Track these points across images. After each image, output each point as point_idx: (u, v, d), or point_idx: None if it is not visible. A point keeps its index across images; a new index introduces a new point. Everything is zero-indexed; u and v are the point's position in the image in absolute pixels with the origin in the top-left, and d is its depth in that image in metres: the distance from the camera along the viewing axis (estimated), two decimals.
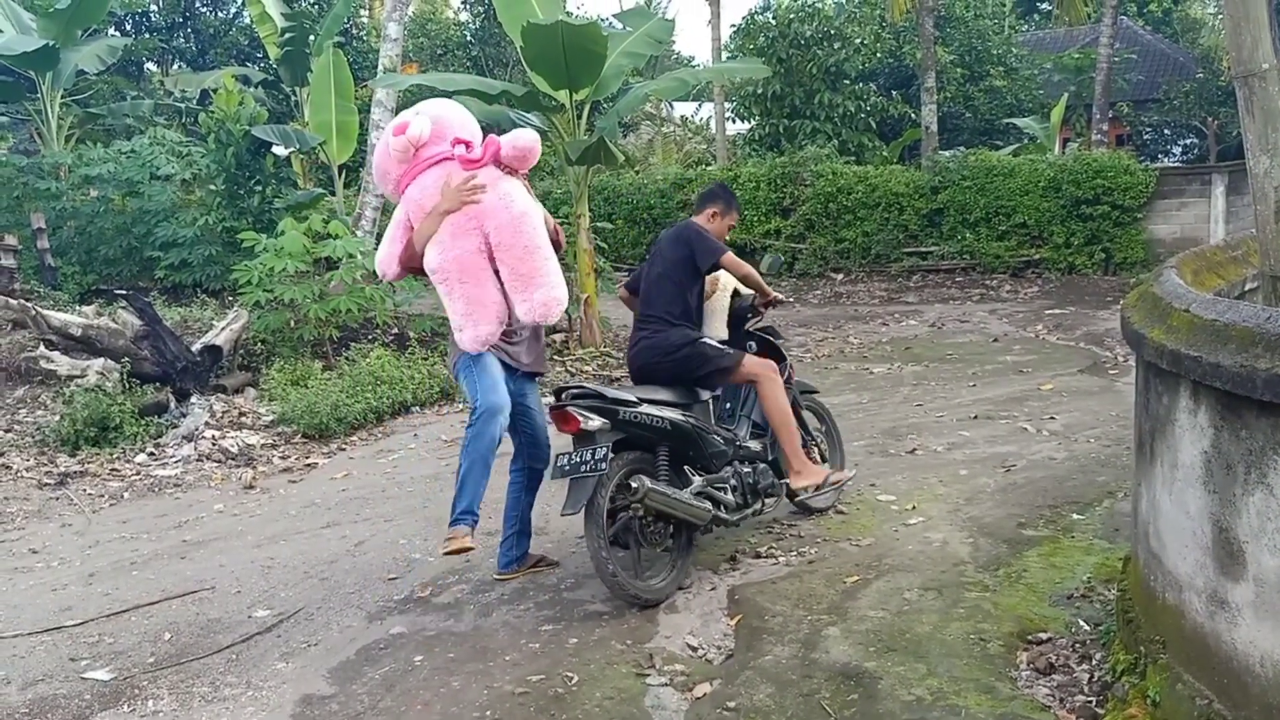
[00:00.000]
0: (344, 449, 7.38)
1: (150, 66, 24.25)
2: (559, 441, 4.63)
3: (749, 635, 4.04)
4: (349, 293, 8.98)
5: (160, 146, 13.23)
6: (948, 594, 4.27)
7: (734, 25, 20.47)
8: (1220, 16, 28.12)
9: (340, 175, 13.21)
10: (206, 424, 7.63)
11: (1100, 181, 13.95)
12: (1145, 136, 23.59)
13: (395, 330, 10.09)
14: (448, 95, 10.49)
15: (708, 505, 4.43)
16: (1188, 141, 23.07)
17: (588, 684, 3.70)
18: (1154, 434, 3.13)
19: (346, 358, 8.76)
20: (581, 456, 4.12)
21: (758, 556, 4.80)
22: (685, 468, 4.48)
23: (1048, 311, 12.27)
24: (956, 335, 11.06)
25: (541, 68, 9.55)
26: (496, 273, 4.18)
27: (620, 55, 10.24)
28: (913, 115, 18.48)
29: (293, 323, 9.09)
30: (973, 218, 14.63)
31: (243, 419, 7.86)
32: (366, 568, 5.02)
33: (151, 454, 7.23)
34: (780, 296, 5.29)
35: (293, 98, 17.84)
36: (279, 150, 12.20)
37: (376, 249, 9.27)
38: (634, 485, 4.16)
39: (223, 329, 8.89)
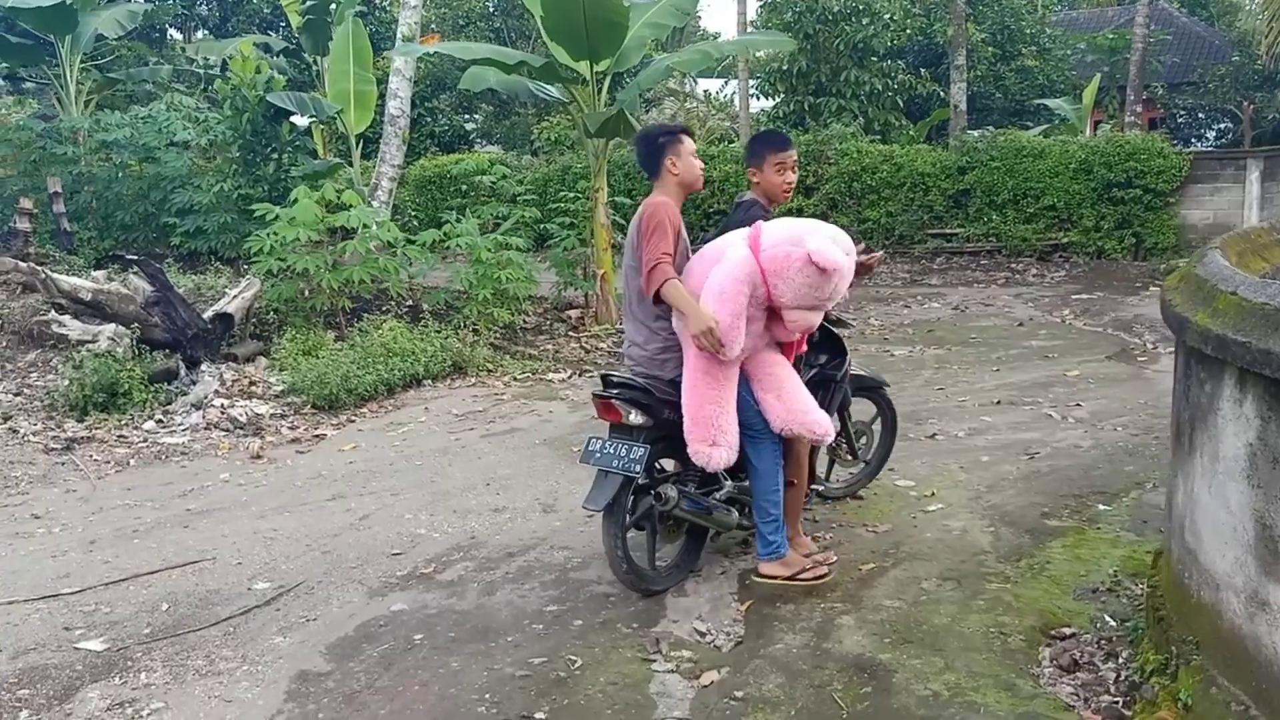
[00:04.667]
0: (353, 421, 7.27)
1: (173, 34, 24.16)
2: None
3: (759, 622, 3.90)
4: (363, 263, 8.85)
5: (177, 112, 13.12)
6: (967, 584, 4.12)
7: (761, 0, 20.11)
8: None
9: (357, 145, 13.05)
10: (216, 392, 7.54)
11: (1133, 164, 13.62)
12: (1179, 120, 23.11)
13: (409, 302, 9.96)
14: (466, 65, 10.35)
15: (735, 514, 4.26)
16: (1222, 126, 22.58)
17: (591, 668, 3.58)
18: (1194, 423, 2.96)
19: (359, 329, 8.64)
20: (617, 450, 3.94)
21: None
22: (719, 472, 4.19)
23: (1074, 296, 12.01)
24: (980, 319, 10.84)
25: (561, 38, 9.35)
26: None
27: (643, 26, 10.02)
28: (941, 94, 18.11)
29: (305, 292, 8.98)
30: (1000, 199, 14.33)
31: (252, 388, 7.77)
32: (370, 542, 4.90)
33: (159, 421, 7.15)
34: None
35: (314, 67, 17.69)
36: (299, 120, 12.08)
37: (391, 219, 8.98)
38: (664, 495, 4.00)
39: (235, 297, 8.79)
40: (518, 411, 7.35)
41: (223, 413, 7.22)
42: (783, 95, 18.50)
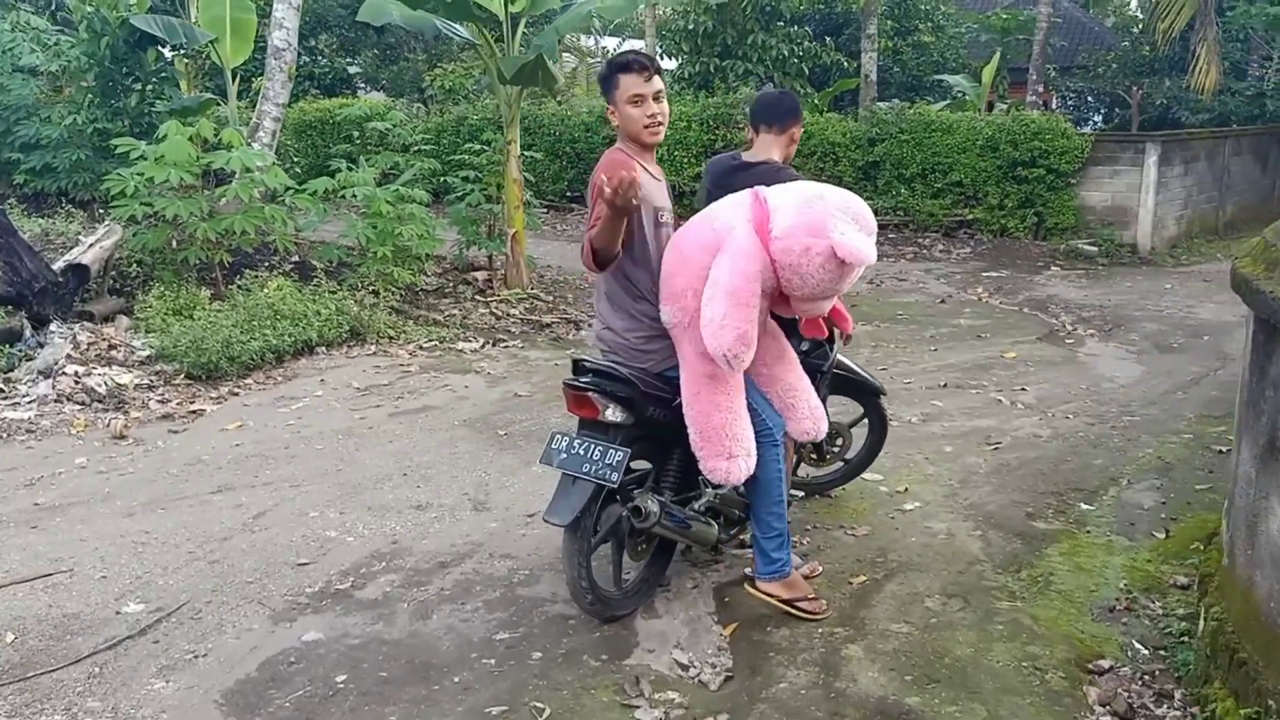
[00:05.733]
0: (237, 393, 6.35)
1: None
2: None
3: (750, 651, 3.34)
4: (245, 212, 7.82)
5: (22, 34, 11.56)
6: (975, 603, 3.65)
7: None
8: None
9: (234, 81, 11.77)
10: (68, 357, 6.48)
11: (1038, 144, 13.56)
12: (1069, 103, 23.62)
13: (297, 258, 8.95)
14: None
15: (715, 527, 3.65)
16: (1105, 111, 23.16)
17: (563, 719, 2.94)
18: None
19: (240, 286, 7.64)
20: (588, 452, 3.26)
21: (742, 546, 4.08)
22: (699, 477, 3.57)
23: (984, 274, 11.87)
24: (899, 294, 10.54)
25: None
26: None
27: None
28: (844, 64, 17.83)
29: (175, 243, 7.90)
30: (909, 173, 14.10)
31: (113, 353, 6.73)
32: (269, 548, 4.11)
33: (0, 391, 6.08)
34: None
35: None
36: (166, 51, 10.75)
37: (276, 164, 7.90)
38: (644, 509, 3.34)
39: (91, 246, 7.65)
40: (428, 386, 6.56)
41: (77, 382, 6.19)
42: (687, 55, 17.87)
